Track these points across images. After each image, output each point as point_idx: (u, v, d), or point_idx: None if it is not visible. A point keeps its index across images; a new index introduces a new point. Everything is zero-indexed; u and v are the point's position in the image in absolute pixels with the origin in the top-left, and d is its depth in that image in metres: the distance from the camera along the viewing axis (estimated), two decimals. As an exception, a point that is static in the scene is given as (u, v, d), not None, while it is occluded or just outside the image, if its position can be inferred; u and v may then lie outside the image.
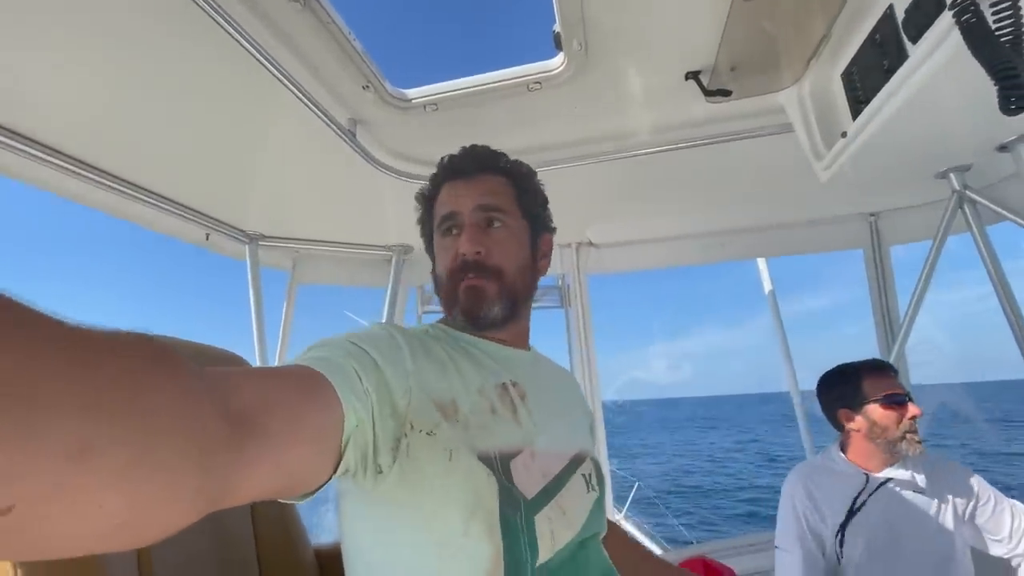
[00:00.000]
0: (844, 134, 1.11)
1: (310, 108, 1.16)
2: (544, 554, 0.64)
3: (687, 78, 1.22)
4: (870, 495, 1.35)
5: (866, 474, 1.38)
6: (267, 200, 1.83)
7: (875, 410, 1.35)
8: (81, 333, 0.27)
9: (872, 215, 1.98)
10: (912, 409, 1.33)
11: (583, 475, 0.77)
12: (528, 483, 0.67)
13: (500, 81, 1.20)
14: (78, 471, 0.24)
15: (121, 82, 1.09)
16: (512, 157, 0.85)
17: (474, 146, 0.85)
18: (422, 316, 2.39)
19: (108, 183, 1.42)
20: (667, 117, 1.42)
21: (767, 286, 2.34)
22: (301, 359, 0.57)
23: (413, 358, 0.65)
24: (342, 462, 0.53)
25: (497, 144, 1.48)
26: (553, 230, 0.90)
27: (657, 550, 3.59)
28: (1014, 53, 0.58)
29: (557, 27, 1.06)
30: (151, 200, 1.57)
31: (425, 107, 1.27)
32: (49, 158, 1.27)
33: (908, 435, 1.32)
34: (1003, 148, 1.21)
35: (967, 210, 1.59)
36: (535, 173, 0.87)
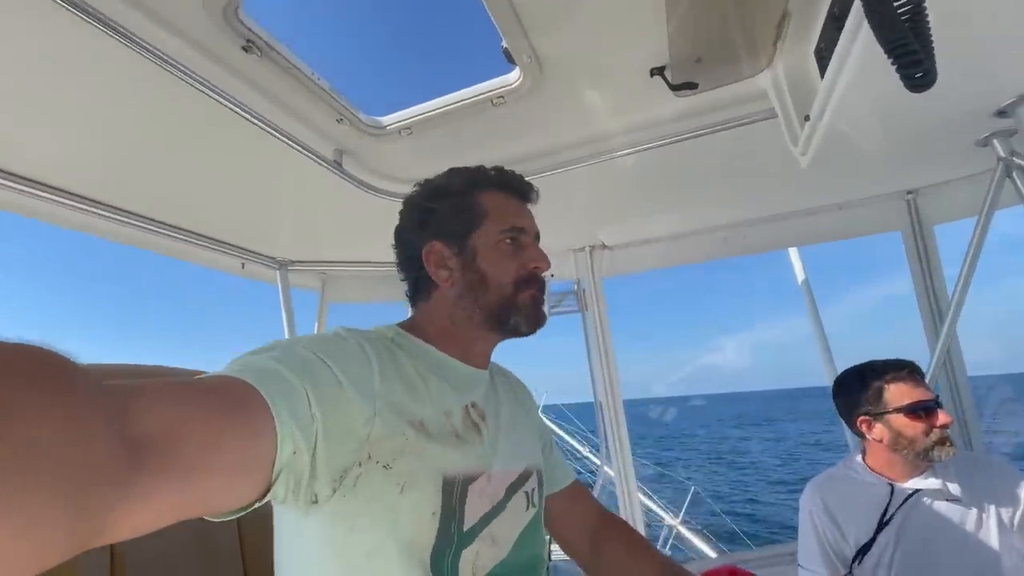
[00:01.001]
0: (807, 117, 1.03)
1: (293, 147, 1.26)
2: None
3: (652, 74, 1.19)
4: (897, 509, 1.23)
5: (891, 484, 1.26)
6: (291, 229, 1.98)
7: (898, 419, 1.23)
8: None
9: (910, 193, 1.80)
10: (942, 417, 1.19)
11: (526, 492, 0.77)
12: (478, 509, 0.67)
13: (464, 100, 1.23)
14: None
15: (155, 143, 1.27)
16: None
17: (519, 175, 0.86)
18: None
19: (159, 229, 1.67)
20: (652, 112, 1.38)
21: (800, 276, 2.18)
22: (244, 365, 0.53)
23: (383, 376, 0.63)
24: (271, 491, 0.50)
25: (482, 158, 1.52)
26: None
27: (712, 552, 3.44)
28: (912, 30, 0.53)
29: (504, 43, 1.08)
30: (195, 240, 1.81)
31: (400, 132, 1.33)
32: (109, 214, 1.51)
33: (938, 444, 1.19)
34: (1002, 113, 1.07)
35: (1017, 180, 1.42)
36: None
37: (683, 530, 3.97)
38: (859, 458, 1.36)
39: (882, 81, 0.91)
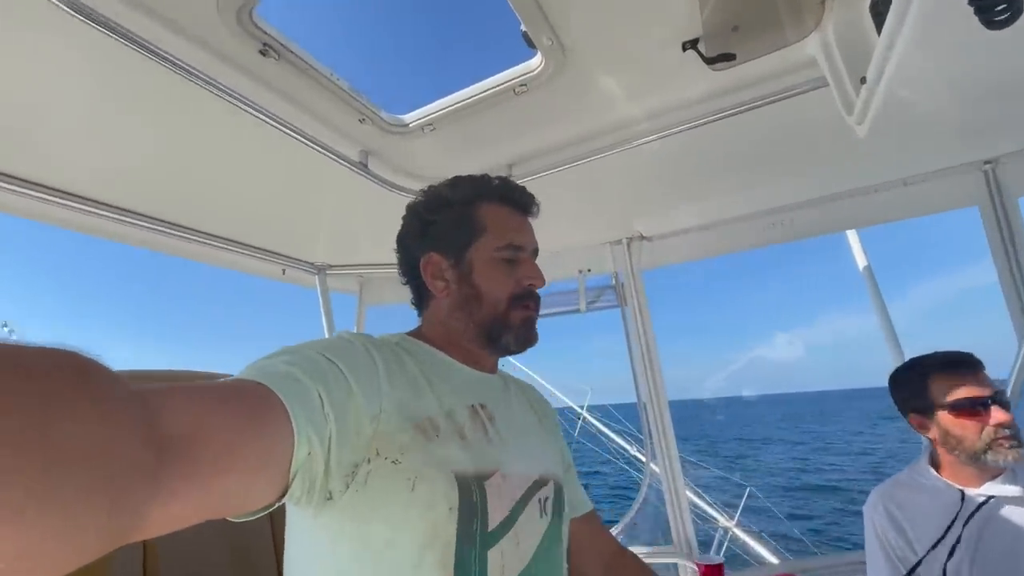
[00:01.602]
0: (863, 80, 0.92)
1: (319, 151, 1.26)
2: None
3: (685, 48, 1.10)
4: (966, 519, 1.10)
5: (961, 491, 1.13)
6: (327, 233, 2.01)
7: (945, 417, 1.11)
8: None
9: (987, 163, 1.61)
10: (997, 415, 1.06)
11: (539, 500, 0.75)
12: (501, 510, 0.66)
13: (485, 91, 1.19)
14: None
15: (191, 154, 1.31)
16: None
17: (521, 186, 0.86)
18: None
19: (203, 239, 1.74)
20: (687, 90, 1.29)
21: (861, 262, 2.00)
22: (261, 369, 0.54)
23: (389, 378, 0.65)
24: (288, 492, 0.52)
25: (507, 150, 1.48)
26: None
27: (773, 559, 3.25)
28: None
29: (523, 27, 1.03)
30: (236, 249, 1.87)
31: (423, 129, 1.30)
32: (155, 226, 1.59)
33: (994, 445, 1.05)
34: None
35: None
36: None
37: (739, 532, 3.79)
38: (926, 462, 1.23)
39: (949, 34, 0.80)
